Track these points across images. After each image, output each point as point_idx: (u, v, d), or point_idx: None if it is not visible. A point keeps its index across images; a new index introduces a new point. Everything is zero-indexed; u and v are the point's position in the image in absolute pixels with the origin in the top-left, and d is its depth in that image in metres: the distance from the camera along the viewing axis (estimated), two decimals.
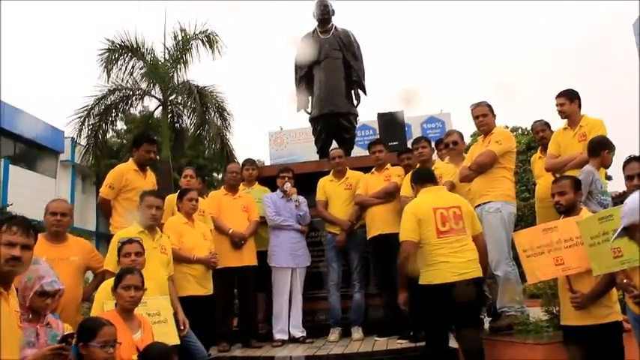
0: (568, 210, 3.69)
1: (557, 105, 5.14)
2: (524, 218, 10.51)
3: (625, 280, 3.16)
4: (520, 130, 23.01)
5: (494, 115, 5.05)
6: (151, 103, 16.17)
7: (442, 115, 22.84)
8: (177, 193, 5.16)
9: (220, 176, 22.42)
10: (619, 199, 4.31)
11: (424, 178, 4.26)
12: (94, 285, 4.38)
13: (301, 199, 5.78)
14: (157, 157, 5.46)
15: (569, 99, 5.08)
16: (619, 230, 2.60)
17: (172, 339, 3.70)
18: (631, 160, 3.48)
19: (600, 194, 4.42)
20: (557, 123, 5.44)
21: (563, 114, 5.12)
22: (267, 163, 24.14)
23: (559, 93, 5.15)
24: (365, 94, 7.34)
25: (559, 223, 3.69)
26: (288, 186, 5.73)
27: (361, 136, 18.45)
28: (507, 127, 28.01)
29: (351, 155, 7.10)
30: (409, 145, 6.02)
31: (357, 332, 5.53)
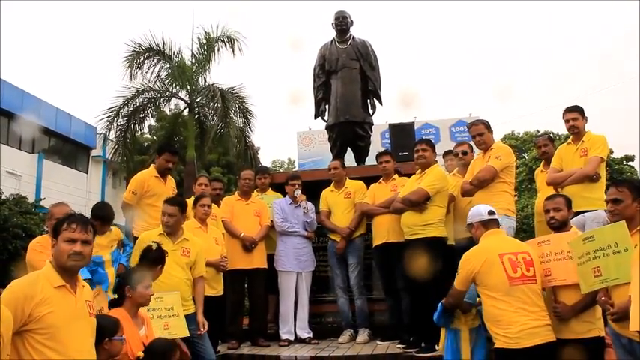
0: (561, 226, 3.79)
1: (568, 120, 5.06)
2: None
3: (603, 298, 3.28)
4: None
5: (490, 132, 5.19)
6: (179, 103, 16.45)
7: (470, 118, 22.45)
8: (192, 199, 5.44)
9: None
10: None
11: None
12: None
13: (310, 205, 5.99)
14: (175, 166, 5.73)
15: (582, 114, 5.06)
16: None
17: (183, 332, 4.01)
18: (609, 185, 3.50)
19: None
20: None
21: (575, 129, 5.04)
22: (297, 162, 24.23)
23: (570, 108, 5.09)
24: (381, 103, 7.47)
25: (552, 236, 3.80)
26: (298, 193, 5.95)
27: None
28: (538, 132, 27.89)
29: (365, 163, 7.33)
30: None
31: (362, 335, 5.72)
